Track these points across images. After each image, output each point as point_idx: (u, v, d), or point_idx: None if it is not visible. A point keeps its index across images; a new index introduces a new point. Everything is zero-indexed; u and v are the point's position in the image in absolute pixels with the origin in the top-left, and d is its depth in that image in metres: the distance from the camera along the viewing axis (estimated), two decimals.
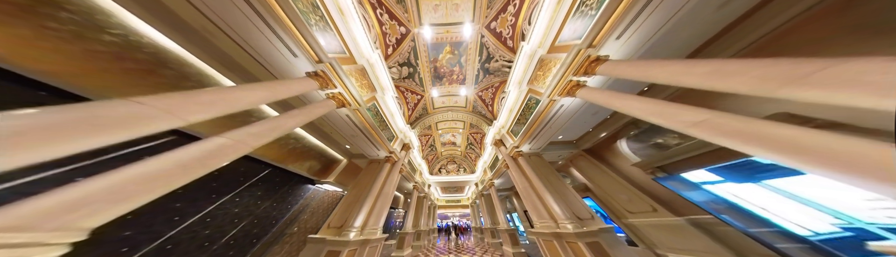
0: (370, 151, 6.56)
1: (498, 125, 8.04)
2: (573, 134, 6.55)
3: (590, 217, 4.31)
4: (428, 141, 13.36)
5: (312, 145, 5.84)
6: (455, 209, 21.57)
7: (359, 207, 4.80)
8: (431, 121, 11.62)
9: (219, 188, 3.74)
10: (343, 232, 4.22)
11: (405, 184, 10.76)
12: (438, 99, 10.43)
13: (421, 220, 11.68)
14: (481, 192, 13.16)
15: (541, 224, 4.75)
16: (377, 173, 6.10)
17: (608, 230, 3.76)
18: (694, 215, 3.98)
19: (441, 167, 16.18)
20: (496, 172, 9.34)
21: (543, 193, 4.91)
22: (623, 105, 2.66)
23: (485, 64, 8.08)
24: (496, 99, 8.81)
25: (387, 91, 6.34)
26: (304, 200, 5.50)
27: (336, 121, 4.91)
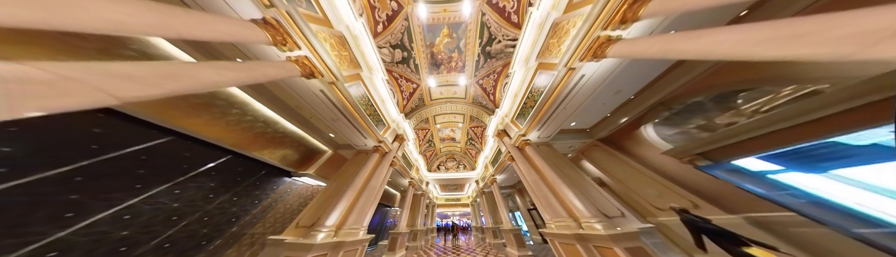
0: (356, 140, 5.64)
1: (501, 114, 7.12)
2: (587, 120, 5.62)
3: (620, 214, 3.36)
4: (425, 135, 12.44)
5: (288, 131, 4.93)
6: (455, 208, 20.56)
7: (335, 203, 3.87)
8: (429, 114, 10.73)
9: (147, 176, 2.84)
10: (311, 232, 3.29)
11: (400, 180, 9.81)
12: (436, 89, 9.56)
13: (418, 219, 10.70)
14: (482, 190, 12.19)
15: (557, 223, 3.81)
16: (363, 164, 5.18)
17: (650, 232, 2.83)
18: (755, 212, 3.05)
19: (440, 164, 15.23)
20: (499, 167, 8.40)
21: (559, 186, 3.97)
22: (701, 45, 1.74)
23: (486, 47, 7.19)
24: (498, 86, 7.90)
25: (375, 72, 5.43)
26: (276, 194, 4.58)
27: (310, 100, 4.00)
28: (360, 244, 4.05)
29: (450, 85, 9.43)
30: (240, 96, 3.75)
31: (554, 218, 3.95)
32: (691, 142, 3.83)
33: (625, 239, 2.62)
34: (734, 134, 3.30)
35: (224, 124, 3.64)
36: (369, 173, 5.24)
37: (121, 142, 2.68)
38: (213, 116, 3.46)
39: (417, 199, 12.05)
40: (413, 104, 9.64)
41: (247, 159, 4.25)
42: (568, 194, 3.74)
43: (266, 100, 4.11)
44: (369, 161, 5.36)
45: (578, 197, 3.57)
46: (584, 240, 3.06)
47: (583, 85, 3.77)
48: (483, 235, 13.96)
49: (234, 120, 3.79)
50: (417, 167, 10.69)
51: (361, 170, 4.90)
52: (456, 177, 13.43)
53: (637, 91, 4.45)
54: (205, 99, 3.31)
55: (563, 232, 3.40)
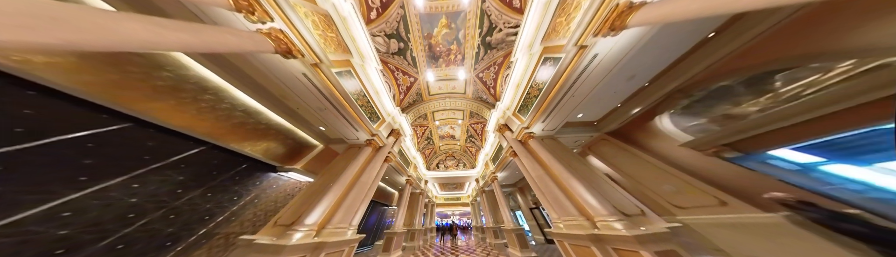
0: (347, 133, 5.21)
1: (502, 107, 6.68)
2: (595, 111, 5.17)
3: (639, 212, 2.91)
4: (424, 132, 12.00)
5: (273, 123, 4.51)
6: (455, 207, 20.08)
7: (319, 199, 3.44)
8: (427, 110, 10.32)
9: (96, 167, 2.41)
10: (288, 232, 2.85)
11: (397, 178, 9.38)
12: (435, 84, 9.14)
13: (415, 218, 10.25)
14: (482, 189, 11.74)
15: (567, 222, 3.36)
16: (354, 158, 4.75)
17: (680, 232, 2.38)
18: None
19: (440, 162, 14.78)
20: (500, 163, 7.95)
21: (569, 181, 3.52)
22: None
23: (486, 37, 6.77)
24: (499, 78, 7.48)
25: (368, 60, 5.02)
26: (258, 190, 4.15)
27: (292, 85, 3.57)
28: (347, 245, 3.61)
29: (449, 79, 9.03)
30: (213, 81, 3.33)
31: (563, 216, 3.50)
32: (716, 131, 3.38)
33: (653, 240, 2.17)
34: (770, 121, 2.85)
35: (195, 111, 3.22)
36: (360, 168, 4.81)
37: (60, 126, 2.26)
38: (181, 101, 3.04)
39: (415, 198, 11.60)
40: (411, 99, 9.22)
41: (224, 151, 3.82)
42: (579, 190, 3.29)
43: (246, 87, 3.69)
44: (361, 155, 4.93)
45: (591, 193, 3.12)
46: (600, 242, 2.61)
47: (595, 66, 3.33)
48: (483, 235, 13.48)
49: (207, 107, 3.37)
50: (415, 165, 10.25)
51: (351, 165, 4.47)
52: (455, 176, 12.98)
53: (652, 77, 4.00)
54: (170, 81, 2.89)
55: (575, 232, 2.95)
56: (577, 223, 3.16)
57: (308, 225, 3.03)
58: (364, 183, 4.63)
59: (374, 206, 9.97)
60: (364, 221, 8.97)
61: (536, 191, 4.58)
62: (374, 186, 5.22)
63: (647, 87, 4.24)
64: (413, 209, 10.94)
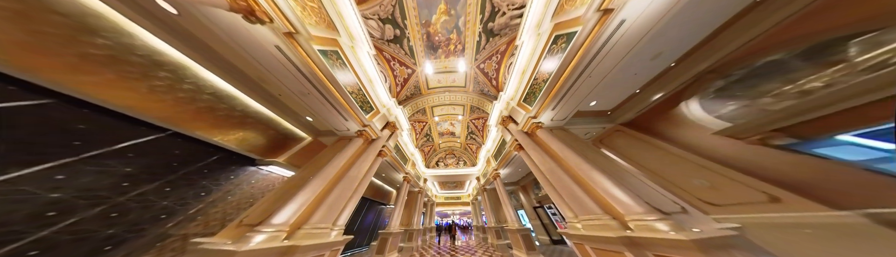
0: (336, 123, 4.64)
1: (505, 98, 6.12)
2: (610, 98, 4.60)
3: (679, 209, 2.34)
4: (423, 129, 11.43)
5: (251, 110, 3.95)
6: (455, 206, 19.47)
7: (294, 194, 2.86)
8: (426, 104, 9.76)
9: (5, 155, 1.85)
10: (249, 234, 2.29)
11: (394, 175, 8.80)
12: (434, 77, 8.59)
13: (414, 218, 9.66)
14: (483, 187, 11.16)
15: (587, 222, 2.78)
16: (342, 150, 4.18)
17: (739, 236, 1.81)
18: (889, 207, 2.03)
19: (439, 160, 14.20)
20: (503, 159, 7.37)
21: (589, 174, 2.95)
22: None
23: (488, 23, 6.21)
24: (502, 67, 6.91)
25: (359, 43, 4.48)
26: (231, 185, 3.58)
27: (266, 61, 3.00)
28: (329, 248, 3.03)
29: (448, 71, 8.47)
30: (170, 55, 2.76)
31: (581, 215, 2.93)
32: (764, 115, 2.81)
33: (719, 246, 1.60)
34: (842, 98, 2.28)
35: (146, 90, 2.66)
36: (349, 161, 4.24)
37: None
38: (124, 76, 2.48)
39: (414, 197, 11.02)
40: (408, 92, 8.66)
41: (189, 140, 3.25)
42: (603, 184, 2.72)
43: (212, 65, 3.12)
44: (350, 146, 4.36)
45: (620, 188, 2.55)
46: (637, 246, 2.04)
47: (619, 38, 2.76)
48: (484, 235, 12.87)
49: (162, 86, 2.80)
50: (413, 162, 9.67)
51: (338, 157, 3.90)
52: (455, 174, 12.40)
53: (680, 56, 3.43)
54: (108, 50, 2.33)
55: (600, 233, 2.38)
56: (601, 223, 2.59)
57: (276, 225, 2.46)
58: (353, 177, 4.05)
59: (370, 205, 9.39)
60: (359, 221, 8.38)
61: (546, 186, 4.01)
62: (366, 182, 4.65)
63: (673, 68, 3.67)
64: (411, 208, 10.35)
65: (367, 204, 9.10)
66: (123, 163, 2.62)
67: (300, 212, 2.80)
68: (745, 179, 2.96)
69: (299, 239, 2.61)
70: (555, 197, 3.74)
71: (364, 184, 4.57)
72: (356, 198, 4.16)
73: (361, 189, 4.43)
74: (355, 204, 4.12)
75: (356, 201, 4.15)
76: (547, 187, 4.00)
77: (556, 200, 3.68)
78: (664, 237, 1.80)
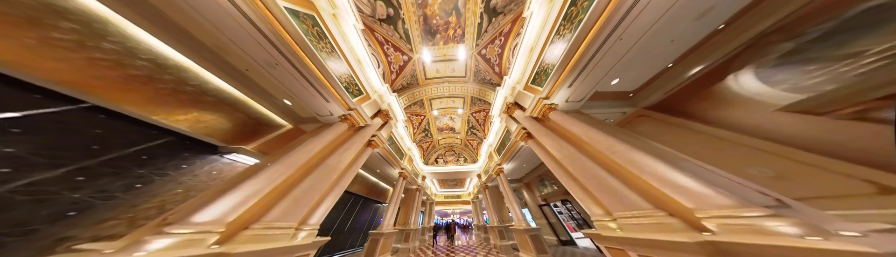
0: (315, 104, 3.91)
1: (510, 83, 5.38)
2: (637, 75, 3.85)
3: (776, 202, 1.59)
4: (421, 123, 10.69)
5: (210, 87, 3.23)
6: (456, 205, 18.64)
7: (237, 184, 2.12)
8: (424, 96, 9.03)
9: None
10: (155, 236, 1.55)
11: (390, 171, 8.04)
12: (432, 66, 7.88)
13: (411, 217, 8.88)
14: (485, 184, 10.38)
15: (629, 220, 2.02)
16: (319, 134, 3.44)
17: None
18: None
19: (438, 157, 13.44)
20: (507, 152, 6.62)
21: (631, 157, 2.19)
22: None
23: (490, 1, 5.53)
24: (506, 50, 6.18)
25: (343, 12, 3.78)
26: (182, 175, 2.83)
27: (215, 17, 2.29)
28: (290, 254, 2.28)
29: (447, 60, 7.75)
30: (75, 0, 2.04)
31: (620, 211, 2.17)
32: (860, 81, 2.07)
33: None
34: None
35: (35, 42, 1.94)
36: (328, 147, 3.50)
37: None
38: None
39: (412, 195, 10.25)
40: (404, 81, 7.94)
41: (116, 117, 2.52)
42: (654, 168, 1.96)
43: (147, 22, 2.41)
44: (329, 131, 3.62)
45: (683, 172, 1.79)
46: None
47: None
48: (486, 235, 12.06)
49: (66, 40, 2.08)
50: (411, 157, 8.92)
51: (312, 142, 3.16)
52: (456, 171, 11.63)
53: (734, 14, 2.70)
54: None
55: (659, 236, 1.62)
56: (654, 221, 1.83)
57: (200, 224, 1.71)
58: (332, 167, 3.31)
59: (365, 203, 8.63)
60: (352, 220, 7.62)
61: (564, 178, 3.25)
62: (350, 174, 3.90)
63: (720, 32, 2.92)
64: (409, 206, 9.58)
65: (361, 202, 8.34)
66: (11, 141, 1.89)
67: (247, 207, 2.05)
68: (835, 165, 2.21)
69: (240, 243, 1.86)
70: (576, 190, 2.98)
71: (348, 176, 3.82)
72: (337, 192, 3.41)
73: (344, 182, 3.68)
74: (336, 198, 3.37)
75: (337, 196, 3.40)
76: (565, 179, 3.24)
77: (578, 194, 2.92)
78: (798, 245, 1.05)
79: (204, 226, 1.72)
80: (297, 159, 2.77)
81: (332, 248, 6.55)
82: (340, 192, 3.55)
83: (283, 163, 2.61)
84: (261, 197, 2.21)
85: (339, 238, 6.83)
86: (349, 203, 7.45)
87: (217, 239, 1.77)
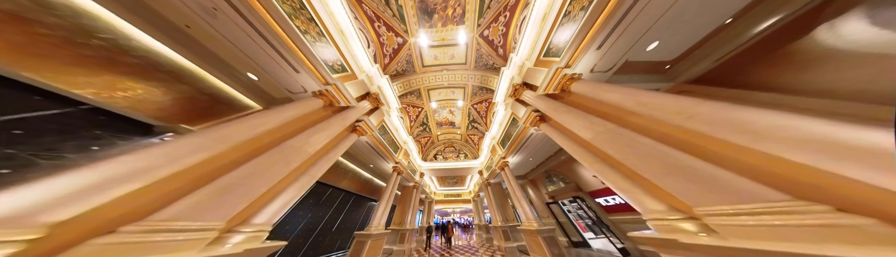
0: (283, 76, 3.10)
1: (518, 61, 4.58)
2: (676, 41, 3.02)
3: None
4: (419, 116, 9.87)
5: (132, 46, 2.42)
6: (456, 204, 17.75)
7: (101, 163, 1.31)
8: (421, 85, 8.24)
9: None
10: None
11: (383, 165, 7.21)
12: (430, 53, 7.11)
13: (407, 216, 8.03)
14: (487, 181, 9.54)
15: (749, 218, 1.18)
16: (279, 108, 2.63)
17: None
18: None
19: (437, 153, 12.60)
20: (514, 142, 5.79)
21: (732, 115, 1.37)
22: None
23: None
24: (511, 28, 5.38)
25: None
26: (76, 159, 2.02)
27: None
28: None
29: (446, 45, 6.97)
30: None
31: (708, 205, 1.35)
32: None
33: None
34: None
35: None
36: (291, 124, 2.67)
37: None
38: None
39: (409, 192, 9.41)
40: (400, 67, 7.15)
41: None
42: (796, 128, 1.14)
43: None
44: (294, 105, 2.80)
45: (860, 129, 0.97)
46: None
47: None
48: (488, 235, 11.18)
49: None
50: (407, 151, 8.09)
51: (264, 115, 2.34)
52: (455, 167, 10.79)
53: None
54: None
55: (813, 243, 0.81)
56: (818, 221, 1.00)
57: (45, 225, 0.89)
58: (295, 150, 2.48)
59: (357, 201, 7.78)
60: (341, 219, 6.77)
61: (596, 165, 2.41)
62: (325, 162, 3.08)
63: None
64: (405, 204, 8.73)
65: (353, 200, 7.49)
66: None
67: (112, 198, 1.23)
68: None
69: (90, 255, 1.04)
70: (615, 179, 2.14)
71: (321, 164, 2.99)
72: (303, 183, 2.59)
73: (316, 171, 2.86)
74: (301, 191, 2.55)
75: (303, 187, 2.57)
76: (596, 166, 2.41)
77: (620, 185, 2.08)
78: None
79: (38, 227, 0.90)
80: (233, 134, 1.94)
81: (318, 250, 5.71)
82: (309, 183, 2.72)
83: (209, 136, 1.78)
84: (150, 183, 1.39)
85: (326, 239, 5.99)
86: (338, 200, 6.61)
87: (19, 253, 0.94)
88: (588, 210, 6.01)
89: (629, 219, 4.78)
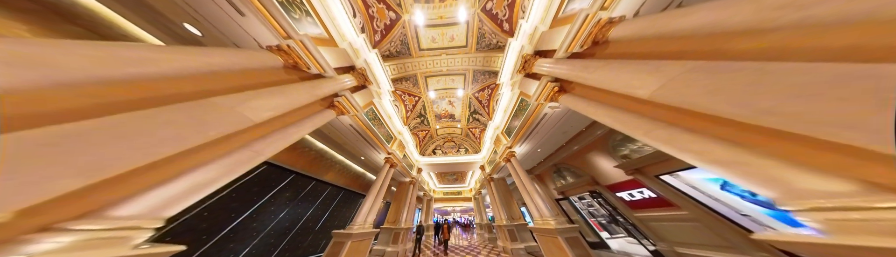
0: (221, 20, 2.30)
1: (528, 28, 3.79)
2: None
3: None
4: (415, 105, 9.06)
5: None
6: (456, 202, 16.84)
7: None
8: (417, 70, 7.45)
9: None
10: None
11: (374, 156, 6.37)
12: (427, 34, 6.36)
13: (402, 214, 7.17)
14: (489, 176, 8.70)
15: None
16: (216, 53, 1.82)
17: None
18: None
19: (436, 148, 11.76)
20: (523, 127, 4.94)
21: None
22: None
23: None
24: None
25: None
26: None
27: None
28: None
29: (445, 24, 6.21)
30: None
31: None
32: None
33: None
34: None
35: None
36: (217, 76, 1.84)
37: None
38: None
39: (405, 188, 8.56)
40: (393, 48, 6.36)
41: None
42: None
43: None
44: (237, 53, 1.98)
45: None
46: None
47: None
48: (491, 235, 10.29)
49: None
50: (402, 143, 7.26)
51: (173, 51, 1.53)
52: (455, 162, 9.94)
53: None
54: None
55: None
56: None
57: None
58: (222, 109, 1.67)
59: (347, 196, 6.94)
60: (327, 216, 5.92)
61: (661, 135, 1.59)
62: (282, 140, 2.26)
63: None
64: (401, 201, 7.88)
65: (342, 195, 6.65)
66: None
67: None
68: None
69: None
70: (707, 148, 1.32)
71: (276, 141, 2.18)
72: (236, 163, 1.77)
73: (264, 148, 2.03)
74: (235, 173, 1.73)
75: (236, 168, 1.76)
76: (663, 134, 1.59)
77: (717, 156, 1.26)
78: None
79: None
80: (76, 63, 1.12)
81: (297, 252, 4.88)
82: (251, 162, 1.91)
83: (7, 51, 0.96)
84: None
85: (308, 239, 5.14)
86: (324, 195, 5.77)
87: None
88: (607, 206, 5.15)
89: (661, 217, 3.93)
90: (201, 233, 2.92)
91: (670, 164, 3.56)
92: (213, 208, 3.04)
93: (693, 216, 3.22)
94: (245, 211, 3.55)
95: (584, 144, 5.58)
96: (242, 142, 1.94)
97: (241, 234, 3.50)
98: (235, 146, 1.87)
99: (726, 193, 3.25)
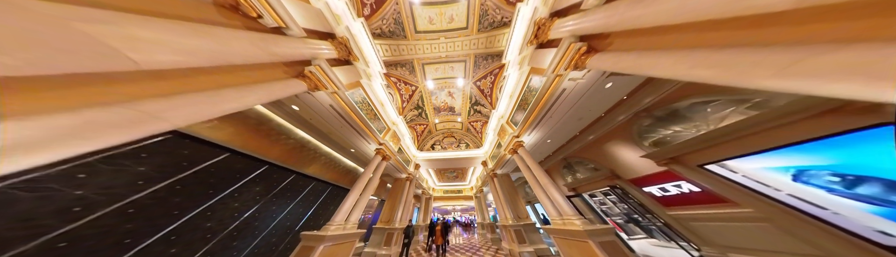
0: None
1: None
2: None
3: None
4: (412, 95, 8.33)
5: None
6: (457, 200, 16.01)
7: None
8: (413, 56, 6.76)
9: None
10: None
11: (364, 147, 5.61)
12: (423, 13, 5.74)
13: (397, 213, 6.40)
14: (492, 173, 7.94)
15: None
16: None
17: None
18: None
19: (435, 143, 11.00)
20: (535, 109, 4.17)
21: None
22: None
23: None
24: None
25: None
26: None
27: None
28: None
29: (444, 2, 5.59)
30: None
31: None
32: None
33: None
34: None
35: None
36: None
37: None
38: None
39: (401, 185, 7.80)
40: (386, 26, 5.67)
41: None
42: None
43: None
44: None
45: None
46: None
47: None
48: (493, 235, 9.49)
49: None
50: (397, 134, 6.51)
51: None
52: (456, 157, 9.18)
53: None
54: None
55: None
56: None
57: None
58: (74, 32, 0.94)
59: (334, 192, 6.18)
60: (311, 214, 5.15)
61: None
62: (215, 106, 1.53)
63: None
64: (396, 199, 7.12)
65: (328, 191, 5.89)
66: None
67: None
68: None
69: None
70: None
71: (196, 105, 1.44)
72: (124, 131, 1.03)
73: (170, 114, 1.30)
74: (117, 136, 0.99)
75: (120, 134, 1.02)
76: None
77: None
78: None
79: None
80: None
81: (282, 253, 4.14)
82: (142, 129, 1.18)
83: None
84: None
85: (289, 239, 4.39)
86: (306, 190, 5.02)
87: None
88: (631, 203, 4.38)
89: (707, 216, 3.15)
90: (123, 236, 2.18)
91: (722, 150, 2.79)
92: (141, 204, 2.30)
93: (761, 215, 2.46)
94: (194, 207, 2.80)
95: (601, 133, 4.82)
96: (119, 96, 1.20)
97: (189, 236, 2.75)
98: (98, 98, 1.13)
99: (802, 185, 2.48)
